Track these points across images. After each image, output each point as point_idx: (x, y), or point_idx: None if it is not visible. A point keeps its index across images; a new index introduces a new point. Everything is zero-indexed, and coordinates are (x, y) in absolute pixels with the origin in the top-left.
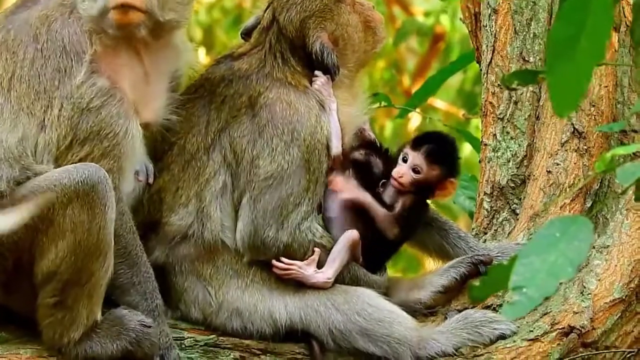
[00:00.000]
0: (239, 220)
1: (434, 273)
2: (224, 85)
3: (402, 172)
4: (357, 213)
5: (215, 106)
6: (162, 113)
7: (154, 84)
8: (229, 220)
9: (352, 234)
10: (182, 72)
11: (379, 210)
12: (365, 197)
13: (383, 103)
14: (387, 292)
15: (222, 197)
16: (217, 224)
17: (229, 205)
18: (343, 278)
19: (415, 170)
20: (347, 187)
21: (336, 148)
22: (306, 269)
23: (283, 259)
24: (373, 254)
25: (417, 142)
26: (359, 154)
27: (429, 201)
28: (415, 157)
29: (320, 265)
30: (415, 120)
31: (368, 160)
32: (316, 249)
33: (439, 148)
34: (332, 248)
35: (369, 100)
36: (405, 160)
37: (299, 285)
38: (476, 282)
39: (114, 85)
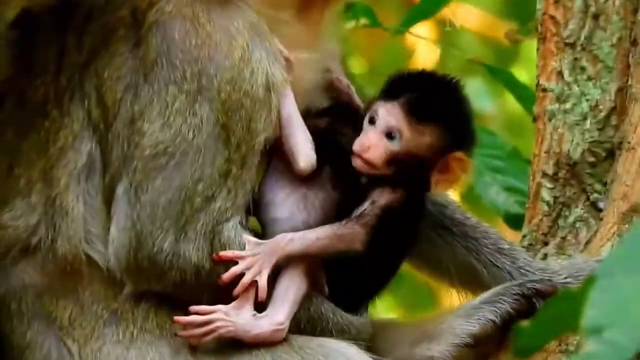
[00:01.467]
0: (112, 222)
1: (456, 313)
2: None
3: (369, 141)
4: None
5: (75, 27)
6: None
7: None
8: (97, 222)
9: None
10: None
11: (316, 237)
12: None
13: (363, 20)
14: (373, 343)
15: (86, 182)
16: (78, 228)
17: (98, 196)
18: (299, 322)
19: (389, 134)
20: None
21: (305, 155)
22: (238, 315)
23: (196, 307)
24: (346, 281)
25: (392, 89)
26: (319, 123)
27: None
28: (389, 113)
29: (259, 305)
30: (423, 48)
31: (332, 131)
32: (246, 278)
33: (430, 94)
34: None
35: (340, 23)
36: (373, 122)
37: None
38: (525, 323)
39: None
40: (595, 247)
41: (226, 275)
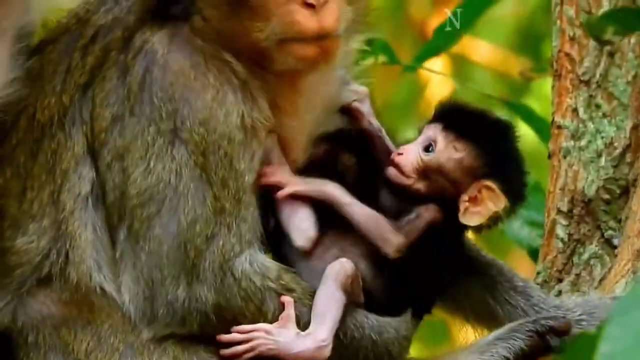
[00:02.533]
0: (120, 270)
1: (470, 349)
2: (104, 10)
3: (404, 149)
4: (333, 221)
5: (82, 46)
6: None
7: None
8: (106, 254)
9: (341, 264)
10: (34, 24)
11: (361, 209)
12: (328, 188)
13: (381, 57)
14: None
15: (94, 210)
16: (85, 256)
17: (104, 228)
18: (344, 335)
19: (427, 147)
20: (293, 180)
21: (303, 231)
22: (280, 333)
23: (238, 327)
24: (382, 287)
25: (440, 112)
26: (317, 151)
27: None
28: (431, 129)
29: (300, 325)
30: (438, 83)
31: (332, 158)
32: (285, 298)
33: (477, 119)
34: (308, 294)
35: (358, 54)
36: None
37: None
38: None
39: None
40: (609, 284)
41: (225, 337)
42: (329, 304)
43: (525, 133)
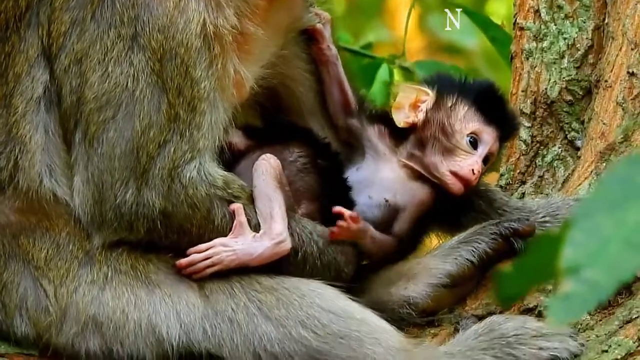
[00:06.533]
0: (74, 171)
1: (434, 254)
2: None
3: (478, 169)
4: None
5: None
6: None
7: None
8: (59, 159)
9: (266, 159)
10: None
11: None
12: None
13: None
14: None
15: (46, 113)
16: (36, 161)
17: (57, 132)
18: (291, 240)
19: (486, 158)
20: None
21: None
22: (237, 242)
23: (193, 248)
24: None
25: (487, 107)
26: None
27: None
28: (494, 139)
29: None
30: None
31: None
32: (234, 205)
33: (512, 119)
34: (250, 199)
35: None
36: (475, 146)
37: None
38: (507, 269)
39: None
40: (572, 186)
41: (184, 261)
42: (269, 200)
43: (481, 39)
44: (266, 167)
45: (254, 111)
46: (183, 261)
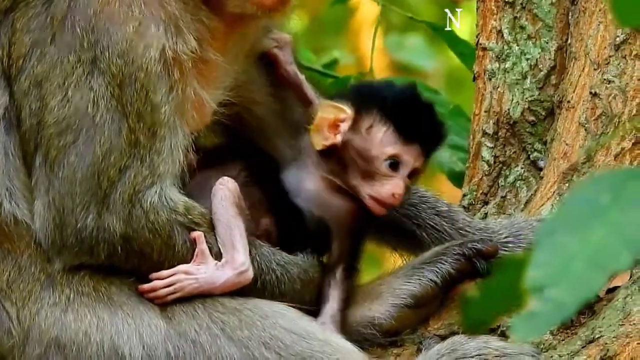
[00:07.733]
0: (35, 195)
1: (397, 274)
2: None
3: (400, 191)
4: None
5: None
6: None
7: None
8: (19, 182)
9: (223, 183)
10: None
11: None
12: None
13: None
14: (314, 305)
15: (6, 135)
16: None
17: (17, 154)
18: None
19: (410, 174)
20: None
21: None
22: (199, 269)
23: (156, 274)
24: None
25: (406, 126)
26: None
27: None
28: (415, 158)
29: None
30: (365, 5)
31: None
32: (195, 233)
33: (438, 132)
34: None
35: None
36: (396, 168)
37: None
38: (473, 295)
39: None
40: (535, 206)
41: (146, 286)
42: (230, 228)
43: (449, 56)
44: (224, 193)
45: (218, 134)
46: (145, 286)
